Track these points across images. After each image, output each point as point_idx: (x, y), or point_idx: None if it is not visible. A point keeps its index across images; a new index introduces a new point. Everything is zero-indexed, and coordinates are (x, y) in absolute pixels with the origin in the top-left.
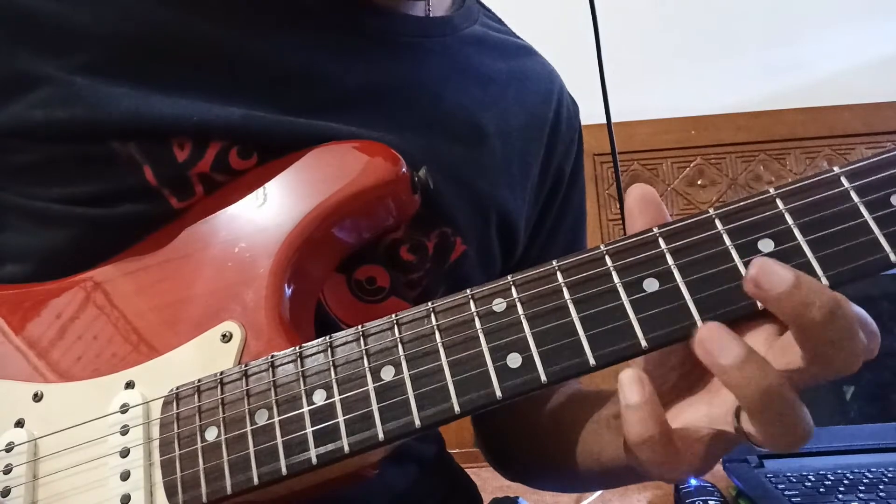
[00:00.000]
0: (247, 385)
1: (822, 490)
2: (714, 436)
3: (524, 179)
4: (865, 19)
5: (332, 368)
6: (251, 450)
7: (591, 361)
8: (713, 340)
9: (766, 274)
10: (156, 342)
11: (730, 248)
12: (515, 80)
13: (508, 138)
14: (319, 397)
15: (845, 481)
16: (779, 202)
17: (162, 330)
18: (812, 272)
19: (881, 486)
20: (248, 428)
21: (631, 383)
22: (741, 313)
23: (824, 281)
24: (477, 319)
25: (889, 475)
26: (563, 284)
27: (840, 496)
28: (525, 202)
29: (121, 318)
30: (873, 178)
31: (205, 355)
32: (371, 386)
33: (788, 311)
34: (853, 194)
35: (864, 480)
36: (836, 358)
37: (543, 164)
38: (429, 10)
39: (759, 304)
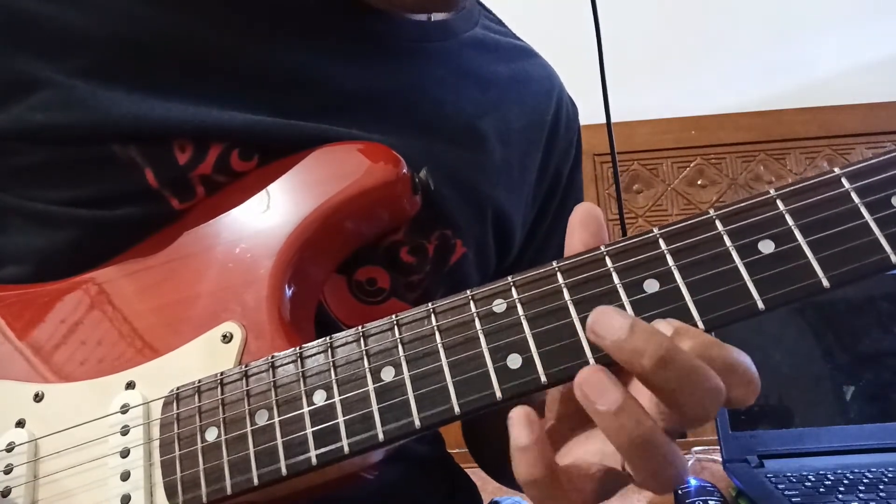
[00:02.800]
0: (247, 385)
1: (822, 490)
2: (605, 473)
3: (522, 182)
4: (865, 19)
5: (332, 369)
6: (251, 450)
7: (592, 362)
8: (592, 385)
9: (602, 321)
10: (156, 343)
11: (730, 249)
12: (515, 83)
13: (509, 141)
14: (319, 398)
15: (845, 481)
16: (779, 203)
17: (163, 330)
18: (812, 273)
19: (881, 486)
20: (249, 428)
21: (520, 423)
22: (741, 314)
23: (825, 283)
24: (477, 320)
25: (889, 475)
26: (563, 285)
27: (840, 496)
28: (522, 204)
29: (122, 318)
30: (874, 178)
31: (205, 356)
32: (371, 387)
33: (623, 358)
34: (854, 195)
35: (864, 480)
36: (685, 405)
37: (541, 166)
38: (431, 14)
39: (760, 306)
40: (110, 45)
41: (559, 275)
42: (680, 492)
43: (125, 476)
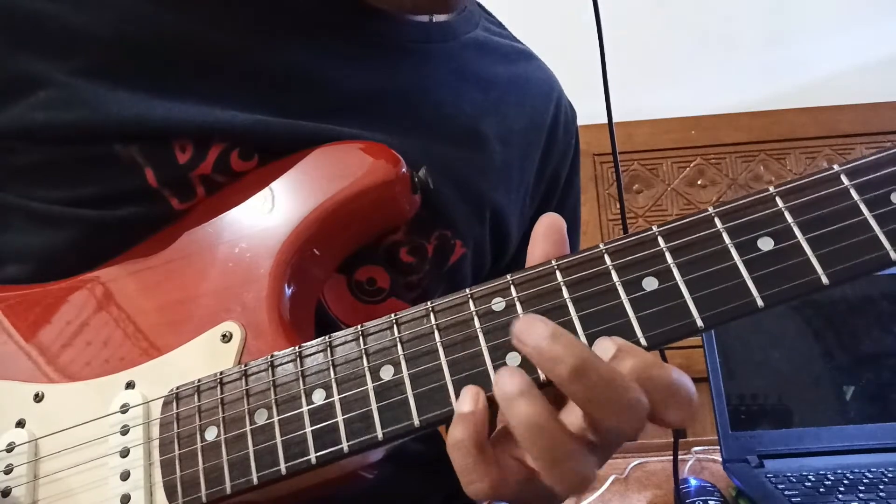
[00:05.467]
0: (246, 385)
1: (822, 490)
2: (527, 474)
3: (520, 183)
4: (865, 19)
5: (331, 368)
6: (250, 449)
7: None
8: (503, 370)
9: (525, 327)
10: (156, 342)
11: (729, 246)
12: (515, 85)
13: (509, 142)
14: (319, 397)
15: (845, 481)
16: (778, 200)
17: (162, 330)
18: (811, 270)
19: (881, 486)
20: (248, 428)
21: (469, 395)
22: (741, 312)
23: (824, 280)
24: (476, 318)
25: (889, 475)
26: (562, 283)
27: (840, 496)
28: (520, 206)
29: (122, 318)
30: (873, 175)
31: (205, 355)
32: (370, 385)
33: (542, 364)
34: (853, 192)
35: (864, 480)
36: (601, 419)
37: (539, 168)
38: (431, 15)
39: (759, 303)
40: (111, 45)
41: (558, 273)
42: (680, 492)
43: (125, 476)
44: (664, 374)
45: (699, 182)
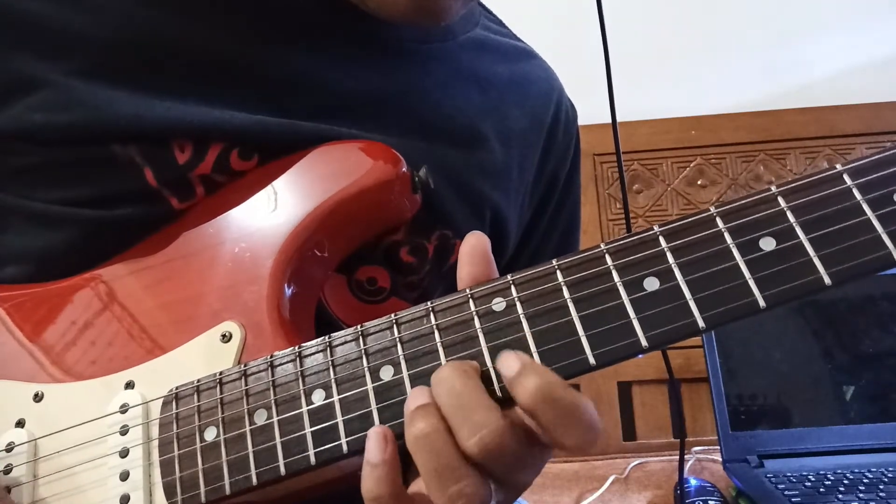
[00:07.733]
0: (246, 385)
1: (822, 490)
2: None
3: (520, 183)
4: (865, 19)
5: (331, 368)
6: (250, 450)
7: (591, 361)
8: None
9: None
10: (156, 342)
11: (731, 246)
12: (515, 85)
13: (509, 142)
14: (318, 397)
15: (845, 481)
16: (780, 200)
17: (162, 330)
18: (814, 270)
19: (881, 486)
20: (247, 428)
21: (375, 440)
22: (742, 312)
23: (826, 280)
24: (476, 319)
25: (889, 475)
26: (562, 283)
27: (840, 496)
28: (519, 206)
29: (121, 318)
30: (876, 175)
31: (205, 355)
32: (370, 386)
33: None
34: (856, 192)
35: (864, 480)
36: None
37: (538, 169)
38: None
39: (761, 303)
40: (109, 46)
41: (559, 273)
42: (680, 492)
43: (124, 476)
44: (567, 395)
45: (699, 182)
